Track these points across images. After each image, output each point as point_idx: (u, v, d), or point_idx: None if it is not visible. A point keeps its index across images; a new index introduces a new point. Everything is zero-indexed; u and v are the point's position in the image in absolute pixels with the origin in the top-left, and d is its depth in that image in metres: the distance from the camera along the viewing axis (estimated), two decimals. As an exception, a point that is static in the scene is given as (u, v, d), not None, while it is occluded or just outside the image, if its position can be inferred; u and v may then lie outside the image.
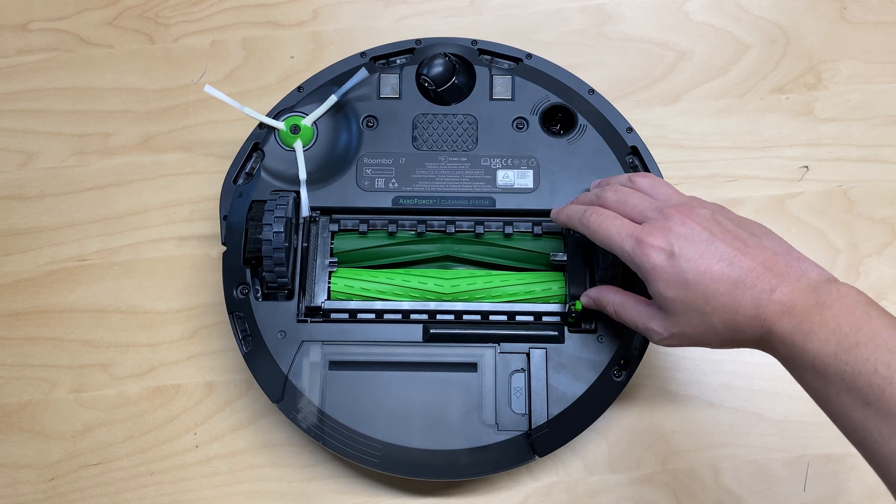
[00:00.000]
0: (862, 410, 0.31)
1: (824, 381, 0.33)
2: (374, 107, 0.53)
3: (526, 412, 0.47)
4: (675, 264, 0.38)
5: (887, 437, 0.30)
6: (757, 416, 0.52)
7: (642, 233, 0.40)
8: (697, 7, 0.63)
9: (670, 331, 0.40)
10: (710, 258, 0.38)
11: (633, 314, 0.42)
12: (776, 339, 0.36)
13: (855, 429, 0.32)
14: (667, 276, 0.38)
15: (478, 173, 0.52)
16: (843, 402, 0.32)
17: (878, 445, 0.31)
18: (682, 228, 0.39)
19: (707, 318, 0.38)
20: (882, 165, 0.58)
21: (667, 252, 0.38)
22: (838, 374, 0.32)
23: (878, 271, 0.55)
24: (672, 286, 0.38)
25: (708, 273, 0.37)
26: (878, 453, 0.31)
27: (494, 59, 0.55)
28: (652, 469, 0.51)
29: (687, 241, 0.38)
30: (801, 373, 0.35)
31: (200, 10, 0.63)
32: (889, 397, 0.30)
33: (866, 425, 0.31)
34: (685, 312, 0.39)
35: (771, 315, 0.36)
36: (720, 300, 0.37)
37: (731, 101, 0.60)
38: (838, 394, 0.32)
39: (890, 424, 0.30)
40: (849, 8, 0.62)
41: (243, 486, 0.51)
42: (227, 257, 0.50)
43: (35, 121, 0.60)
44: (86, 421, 0.53)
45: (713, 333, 0.38)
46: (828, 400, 0.33)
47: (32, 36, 0.63)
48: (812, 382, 0.34)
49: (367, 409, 0.47)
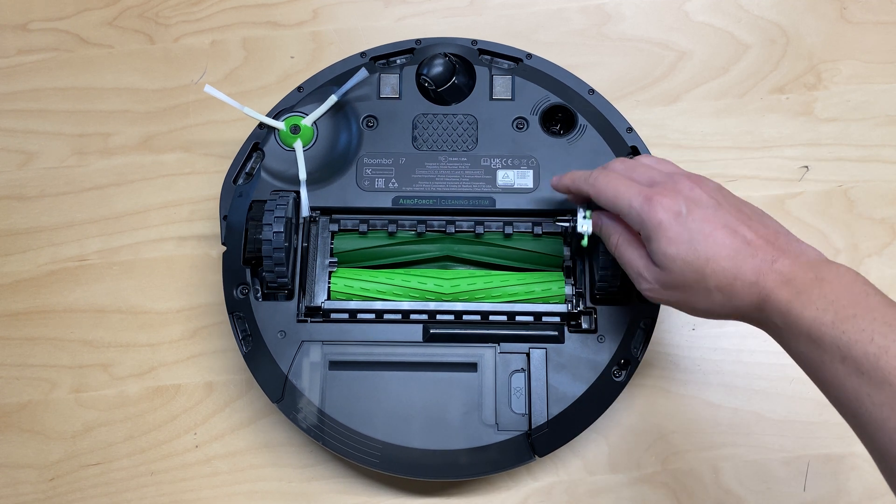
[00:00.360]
0: (856, 379, 0.32)
1: (820, 349, 0.33)
2: (374, 107, 0.53)
3: (526, 412, 0.47)
4: (682, 223, 0.39)
5: (878, 406, 0.31)
6: (757, 416, 0.52)
7: (652, 191, 0.40)
8: (697, 7, 0.63)
9: (662, 283, 0.40)
10: (716, 223, 0.38)
11: (632, 255, 0.42)
12: (773, 306, 0.36)
13: (848, 398, 0.32)
14: (672, 234, 0.39)
15: (478, 173, 0.52)
16: (836, 370, 0.33)
17: (869, 414, 0.31)
18: (692, 193, 0.40)
19: (704, 280, 0.38)
20: (882, 165, 0.58)
21: (674, 211, 0.39)
22: (834, 343, 0.33)
23: (878, 271, 0.55)
24: (675, 243, 0.39)
25: (712, 236, 0.38)
26: (869, 422, 0.31)
27: (494, 59, 0.55)
28: (652, 469, 0.51)
29: (695, 205, 0.39)
30: (795, 342, 0.35)
31: (200, 10, 0.63)
32: (884, 366, 0.31)
33: (859, 394, 0.32)
34: (682, 271, 0.39)
35: (770, 283, 0.36)
36: (721, 263, 0.38)
37: (731, 101, 0.60)
38: (832, 362, 0.33)
39: (882, 392, 0.31)
40: (849, 8, 0.62)
41: (243, 486, 0.51)
42: (227, 257, 0.50)
43: (35, 121, 0.60)
44: (86, 421, 0.53)
45: (705, 296, 0.39)
46: (821, 369, 0.34)
47: (32, 36, 0.63)
48: (806, 351, 0.34)
49: (367, 409, 0.47)
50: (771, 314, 0.36)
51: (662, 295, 0.41)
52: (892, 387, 0.30)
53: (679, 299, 0.40)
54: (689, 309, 0.41)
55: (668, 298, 0.41)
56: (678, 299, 0.40)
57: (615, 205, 0.42)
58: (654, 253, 0.40)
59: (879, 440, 0.31)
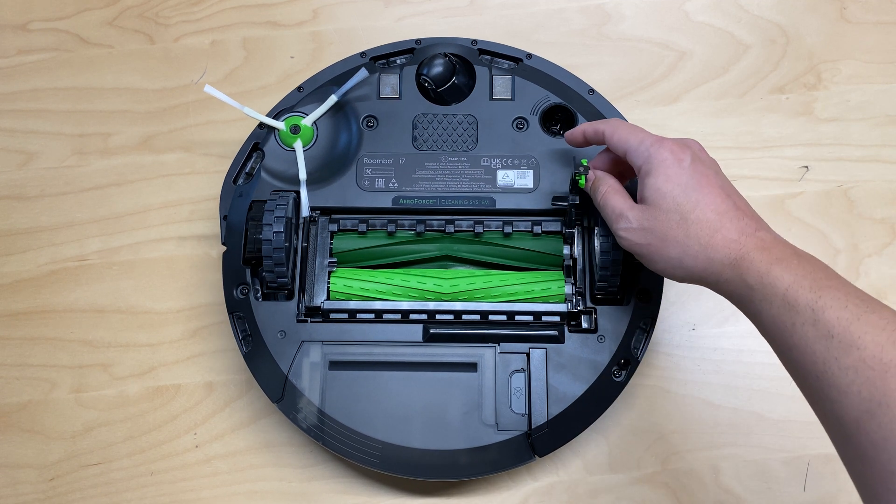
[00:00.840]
0: (825, 342, 0.33)
1: (793, 311, 0.34)
2: (374, 107, 0.53)
3: (526, 412, 0.47)
4: (683, 168, 0.41)
5: (844, 369, 0.32)
6: (757, 416, 0.52)
7: (664, 138, 0.43)
8: (697, 7, 0.63)
9: (642, 223, 0.41)
10: (713, 183, 0.41)
11: (617, 201, 0.43)
12: (750, 265, 0.37)
13: (814, 362, 0.33)
14: (671, 172, 0.41)
15: (478, 173, 0.52)
16: (807, 333, 0.34)
17: (833, 378, 0.32)
18: (700, 153, 0.43)
19: (686, 226, 0.39)
20: (882, 165, 0.58)
21: (679, 157, 0.41)
22: (808, 306, 0.34)
23: (878, 271, 0.55)
24: (672, 181, 0.40)
25: (707, 189, 0.40)
26: (832, 387, 0.32)
27: (494, 59, 0.55)
28: (652, 469, 0.51)
29: (700, 162, 0.42)
30: (767, 304, 0.36)
31: (200, 9, 0.63)
32: (855, 330, 0.32)
33: (826, 357, 0.33)
34: (668, 211, 0.40)
35: (750, 245, 0.38)
36: (707, 214, 0.39)
37: (731, 101, 0.60)
38: (804, 325, 0.34)
39: (849, 356, 0.32)
40: (849, 8, 0.62)
41: (243, 486, 0.51)
42: (227, 257, 0.50)
43: (35, 121, 0.60)
44: (86, 421, 0.53)
45: (680, 244, 0.40)
46: (791, 332, 0.34)
47: (32, 36, 0.63)
48: (778, 314, 0.35)
49: (367, 408, 0.47)
50: (747, 273, 0.37)
51: (637, 237, 0.42)
52: (860, 351, 0.31)
53: (651, 243, 0.41)
54: (657, 258, 0.41)
55: (641, 241, 0.42)
56: (650, 243, 0.41)
57: (626, 141, 0.43)
58: (648, 187, 0.41)
59: (841, 406, 0.32)
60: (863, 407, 0.31)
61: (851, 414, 0.31)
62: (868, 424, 0.31)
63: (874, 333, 0.32)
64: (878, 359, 0.31)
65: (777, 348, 0.36)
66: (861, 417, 0.31)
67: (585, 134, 0.47)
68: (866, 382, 0.31)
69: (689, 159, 0.41)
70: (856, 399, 0.31)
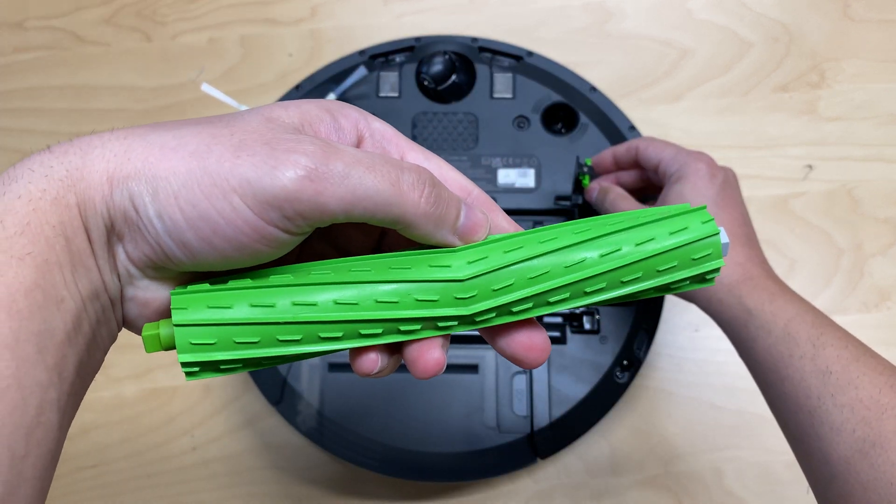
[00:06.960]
0: (822, 378, 0.33)
1: (793, 343, 0.35)
2: (374, 105, 0.53)
3: (528, 414, 0.47)
4: (714, 183, 0.42)
5: (840, 406, 0.32)
6: (760, 419, 0.52)
7: (703, 153, 0.43)
8: (700, 5, 0.62)
9: None
10: (736, 208, 0.42)
11: (627, 205, 0.44)
12: (753, 290, 0.38)
13: (809, 395, 0.34)
14: (701, 184, 0.41)
15: (478, 172, 0.51)
16: (804, 366, 0.34)
17: (828, 414, 0.33)
18: (732, 181, 0.43)
19: None
20: (886, 165, 0.58)
21: (713, 173, 0.42)
22: (810, 340, 0.34)
23: (882, 271, 0.55)
24: (697, 191, 0.41)
25: (728, 210, 0.41)
26: (826, 423, 0.33)
27: (495, 57, 0.54)
28: (654, 471, 0.51)
29: (730, 186, 0.43)
30: (766, 331, 0.36)
31: (198, 7, 0.62)
32: (853, 370, 0.33)
33: (822, 393, 0.33)
34: None
35: (756, 272, 0.39)
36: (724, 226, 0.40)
37: (734, 99, 0.59)
38: (802, 358, 0.34)
39: (846, 394, 0.32)
40: (852, 6, 0.62)
41: (241, 489, 0.51)
42: (225, 257, 0.50)
43: (31, 119, 0.60)
44: (82, 423, 0.52)
45: None
46: (788, 363, 0.35)
47: (29, 34, 0.62)
48: (776, 344, 0.36)
49: (366, 411, 0.47)
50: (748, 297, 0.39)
51: None
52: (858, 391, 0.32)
53: None
54: None
55: None
56: None
57: (662, 150, 0.44)
58: (673, 191, 0.42)
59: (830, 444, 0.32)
60: (856, 446, 0.31)
61: (842, 452, 0.31)
62: (859, 464, 0.31)
63: (872, 375, 0.32)
64: (874, 400, 0.31)
65: (766, 378, 0.36)
66: (852, 457, 0.31)
67: (615, 154, 0.47)
68: (861, 422, 0.31)
69: (722, 178, 0.42)
70: (849, 437, 0.31)
